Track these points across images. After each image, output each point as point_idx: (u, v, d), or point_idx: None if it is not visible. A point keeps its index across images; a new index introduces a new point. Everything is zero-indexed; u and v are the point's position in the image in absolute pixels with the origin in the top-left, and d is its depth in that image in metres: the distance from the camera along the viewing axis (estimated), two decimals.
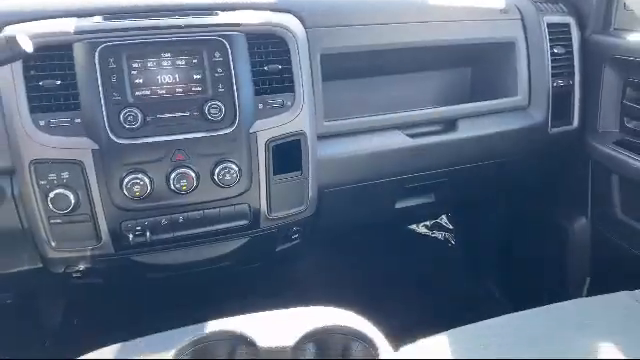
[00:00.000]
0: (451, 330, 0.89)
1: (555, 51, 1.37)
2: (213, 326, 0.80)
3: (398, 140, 1.25)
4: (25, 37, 0.82)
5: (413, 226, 2.05)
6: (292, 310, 0.83)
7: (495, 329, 0.93)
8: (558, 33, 1.37)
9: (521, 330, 0.92)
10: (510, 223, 1.70)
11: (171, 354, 0.76)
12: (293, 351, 0.77)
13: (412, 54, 1.29)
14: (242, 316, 0.81)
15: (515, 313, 0.97)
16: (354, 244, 1.67)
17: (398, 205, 1.40)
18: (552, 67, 1.36)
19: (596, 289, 1.11)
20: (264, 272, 1.36)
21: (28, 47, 0.82)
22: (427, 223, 2.07)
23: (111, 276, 1.14)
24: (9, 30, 0.94)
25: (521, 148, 1.40)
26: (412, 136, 1.27)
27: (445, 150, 1.31)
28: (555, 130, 1.40)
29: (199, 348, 0.79)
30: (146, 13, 1.04)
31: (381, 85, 1.34)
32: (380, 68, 1.31)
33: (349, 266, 1.51)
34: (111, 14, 1.03)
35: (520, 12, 1.37)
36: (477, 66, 1.43)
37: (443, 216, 2.06)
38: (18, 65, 0.94)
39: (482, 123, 1.34)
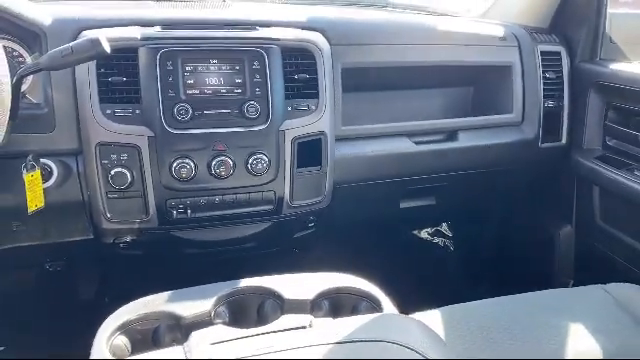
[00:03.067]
0: (446, 307, 1.04)
1: (547, 75, 1.55)
2: (246, 282, 0.97)
3: (404, 145, 1.43)
4: (106, 40, 1.01)
5: (416, 232, 2.22)
6: (312, 274, 1.00)
7: (483, 308, 1.09)
8: (550, 60, 1.56)
9: (502, 311, 1.08)
10: (502, 230, 1.87)
11: (211, 303, 0.92)
12: (311, 304, 0.93)
13: (421, 72, 1.48)
14: (271, 276, 0.98)
15: (501, 297, 1.13)
16: (362, 239, 1.84)
17: (402, 205, 1.57)
18: (544, 89, 1.54)
19: None
20: (281, 256, 1.53)
21: (107, 48, 1.01)
22: (429, 230, 2.24)
23: (152, 248, 1.31)
24: (88, 34, 1.13)
25: (514, 160, 1.57)
26: (417, 143, 1.44)
27: (446, 157, 1.49)
28: (545, 145, 1.57)
29: (234, 299, 0.96)
30: (198, 25, 1.23)
31: (392, 98, 1.52)
32: (392, 83, 1.49)
33: (355, 257, 1.67)
34: (169, 25, 1.21)
35: (517, 40, 1.55)
36: (478, 85, 1.60)
37: (444, 224, 2.23)
38: (92, 63, 1.12)
39: (480, 135, 1.52)
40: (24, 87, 1.15)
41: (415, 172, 1.47)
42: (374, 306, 0.95)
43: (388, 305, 0.94)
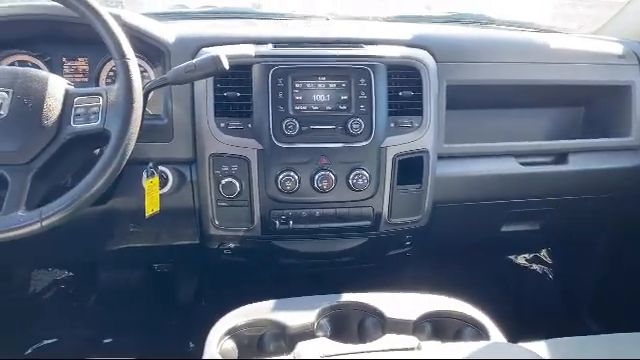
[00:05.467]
0: (556, 339, 0.98)
1: None
2: (348, 297, 0.97)
3: (510, 166, 1.38)
4: (225, 58, 1.07)
5: (512, 257, 2.12)
6: (413, 294, 0.98)
7: (598, 343, 1.01)
8: None
9: (619, 348, 1.00)
10: (611, 261, 1.73)
11: (314, 315, 0.94)
12: (414, 325, 0.92)
13: (528, 91, 1.42)
14: (373, 293, 0.98)
15: (617, 334, 1.04)
16: (457, 261, 1.79)
17: (504, 229, 1.51)
18: None
19: None
20: (375, 273, 1.52)
21: (227, 65, 1.07)
22: (526, 256, 2.13)
23: (253, 256, 1.35)
24: (208, 51, 1.20)
25: (630, 186, 1.46)
26: (524, 164, 1.38)
27: (554, 180, 1.41)
28: None
29: (336, 313, 0.96)
30: (307, 44, 1.27)
31: (497, 117, 1.46)
32: (497, 101, 1.44)
33: (449, 279, 1.62)
34: (280, 43, 1.26)
35: (638, 58, 1.45)
36: (590, 106, 1.51)
37: (543, 251, 2.11)
38: (210, 79, 1.19)
39: (593, 159, 1.43)
40: None
41: (520, 195, 1.41)
42: (480, 333, 0.92)
43: (496, 333, 0.90)
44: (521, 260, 2.13)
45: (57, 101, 0.98)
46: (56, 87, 0.99)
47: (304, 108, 1.21)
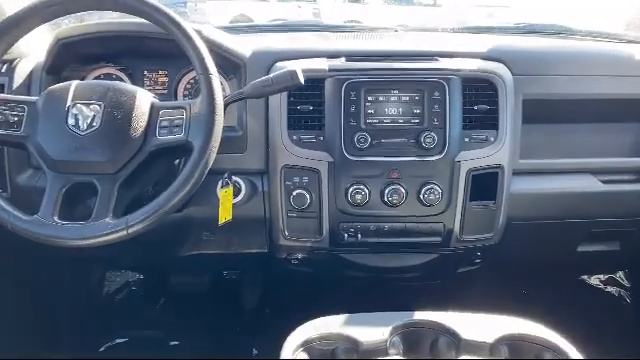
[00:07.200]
0: None
1: None
2: (422, 315, 0.96)
3: (589, 184, 1.31)
4: (302, 73, 1.08)
5: (585, 277, 2.01)
6: (490, 315, 0.95)
7: None
8: None
9: None
10: None
11: (387, 331, 0.93)
12: (490, 348, 0.89)
13: (612, 105, 1.35)
14: (447, 312, 0.96)
15: None
16: (528, 280, 1.72)
17: (580, 248, 1.43)
18: None
19: None
20: (441, 290, 1.49)
21: (302, 80, 1.08)
22: (600, 277, 2.02)
23: (319, 268, 1.36)
24: (282, 65, 1.23)
25: None
26: (604, 182, 1.32)
27: (637, 199, 1.33)
28: None
29: (408, 331, 0.95)
30: (380, 57, 1.27)
31: (574, 132, 1.39)
32: (576, 116, 1.38)
33: (519, 299, 1.57)
34: (352, 56, 1.27)
35: None
36: None
37: (619, 272, 1.99)
38: (284, 92, 1.22)
39: None
40: None
41: (600, 214, 1.34)
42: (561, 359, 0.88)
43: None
44: (595, 281, 2.02)
45: (144, 114, 1.02)
46: (143, 100, 1.04)
47: (376, 121, 1.21)
